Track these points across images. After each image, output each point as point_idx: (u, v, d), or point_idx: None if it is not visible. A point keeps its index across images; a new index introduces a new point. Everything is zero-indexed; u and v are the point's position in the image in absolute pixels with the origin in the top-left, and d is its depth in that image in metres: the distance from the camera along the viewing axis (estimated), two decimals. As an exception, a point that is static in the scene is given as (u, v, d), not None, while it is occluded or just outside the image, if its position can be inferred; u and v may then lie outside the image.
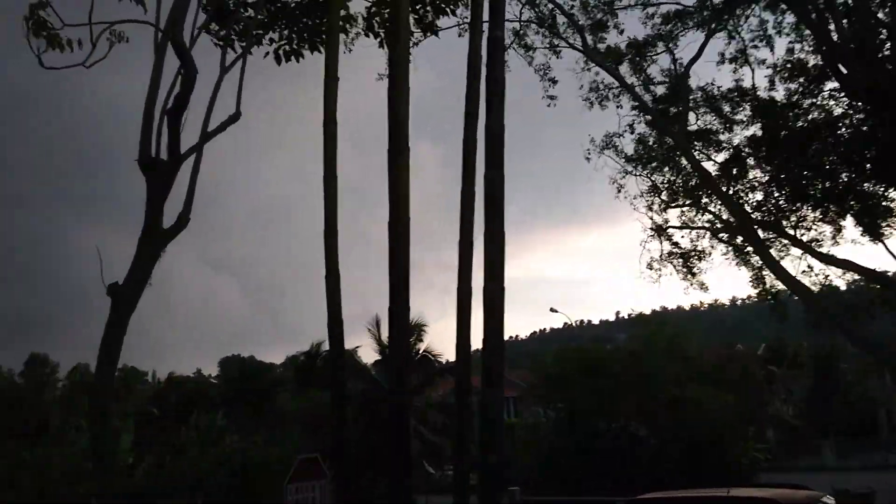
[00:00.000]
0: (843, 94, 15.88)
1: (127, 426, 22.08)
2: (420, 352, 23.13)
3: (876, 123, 14.86)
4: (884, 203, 16.01)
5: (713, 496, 7.58)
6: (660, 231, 19.96)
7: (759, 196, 17.78)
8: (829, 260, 16.74)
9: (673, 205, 19.88)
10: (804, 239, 17.09)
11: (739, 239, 18.63)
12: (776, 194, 17.36)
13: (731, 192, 18.15)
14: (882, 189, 15.78)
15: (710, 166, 18.85)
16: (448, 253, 7.41)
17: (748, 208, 17.83)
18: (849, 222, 16.79)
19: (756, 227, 17.44)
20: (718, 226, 19.39)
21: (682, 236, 19.95)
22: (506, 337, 8.21)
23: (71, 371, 50.29)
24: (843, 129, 16.02)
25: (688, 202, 19.70)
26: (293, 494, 8.78)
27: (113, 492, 8.79)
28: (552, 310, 45.49)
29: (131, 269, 8.36)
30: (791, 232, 17.23)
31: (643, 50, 18.97)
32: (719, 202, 18.62)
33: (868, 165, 15.57)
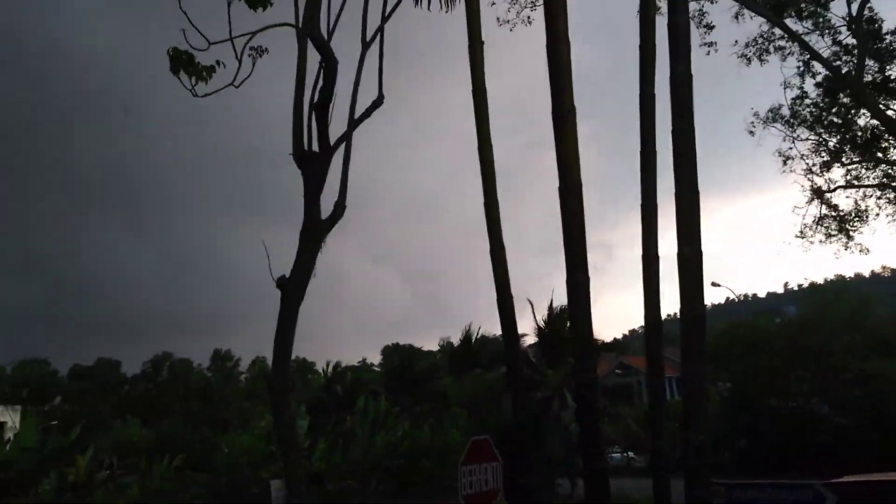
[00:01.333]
0: None
1: (302, 413, 23.50)
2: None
3: None
4: None
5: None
6: (819, 194, 18.45)
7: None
8: None
9: (837, 164, 18.27)
10: None
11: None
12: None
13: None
14: None
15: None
16: (601, 230, 6.96)
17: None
18: None
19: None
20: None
21: (849, 196, 18.30)
22: (664, 315, 7.64)
23: (251, 364, 54.81)
24: None
25: (856, 159, 17.99)
26: (467, 476, 8.77)
27: (296, 474, 9.23)
28: (714, 284, 42.87)
29: (296, 261, 8.75)
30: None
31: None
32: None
33: None
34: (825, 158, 18.43)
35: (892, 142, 17.52)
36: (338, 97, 8.58)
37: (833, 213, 18.68)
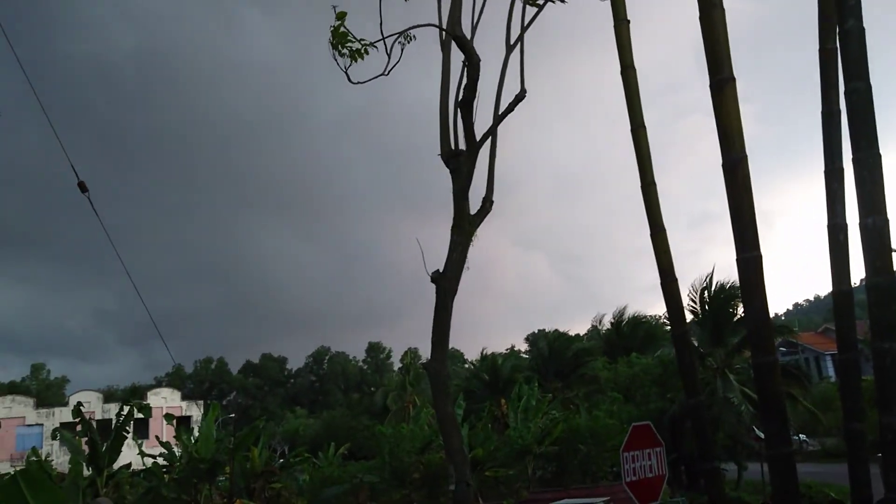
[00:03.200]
0: None
1: (459, 403, 24.11)
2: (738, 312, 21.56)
3: None
4: None
5: None
6: None
7: None
8: None
9: None
10: None
11: None
12: None
13: None
14: None
15: None
16: (756, 197, 6.51)
17: None
18: None
19: None
20: None
21: None
22: (823, 291, 7.07)
23: (403, 354, 56.97)
24: None
25: None
26: (629, 462, 8.64)
27: (458, 460, 9.50)
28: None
29: (448, 256, 9.02)
30: None
31: None
32: None
33: None
34: None
35: None
36: (479, 94, 8.76)
37: None
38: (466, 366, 58.53)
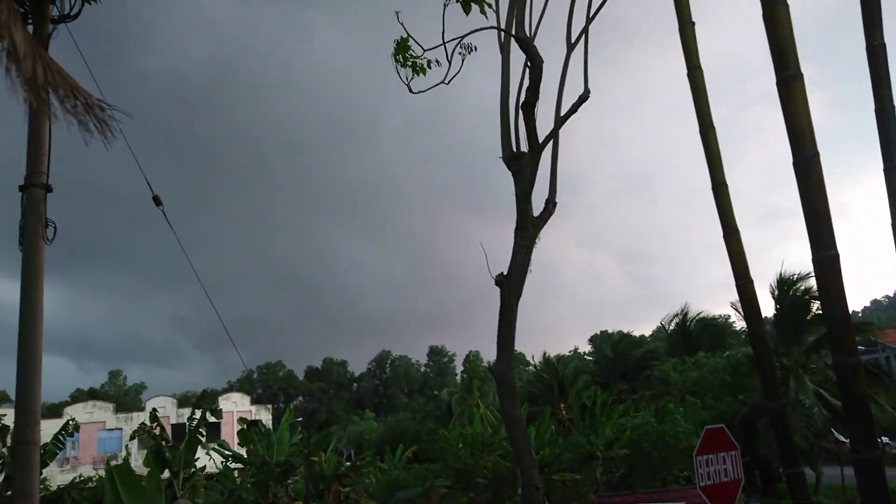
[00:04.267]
0: None
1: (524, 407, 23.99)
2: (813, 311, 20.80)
3: None
4: None
5: None
6: None
7: None
8: None
9: None
10: None
11: None
12: None
13: None
14: None
15: None
16: (829, 189, 6.22)
17: None
18: None
19: None
20: None
21: None
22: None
23: (465, 357, 57.11)
24: None
25: None
26: (703, 467, 8.44)
27: (526, 462, 9.45)
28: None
29: (512, 259, 9.01)
30: None
31: None
32: None
33: None
34: None
35: None
36: (541, 95, 8.72)
37: None
38: (529, 368, 58.14)
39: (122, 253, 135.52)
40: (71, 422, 15.10)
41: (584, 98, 8.87)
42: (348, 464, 26.85)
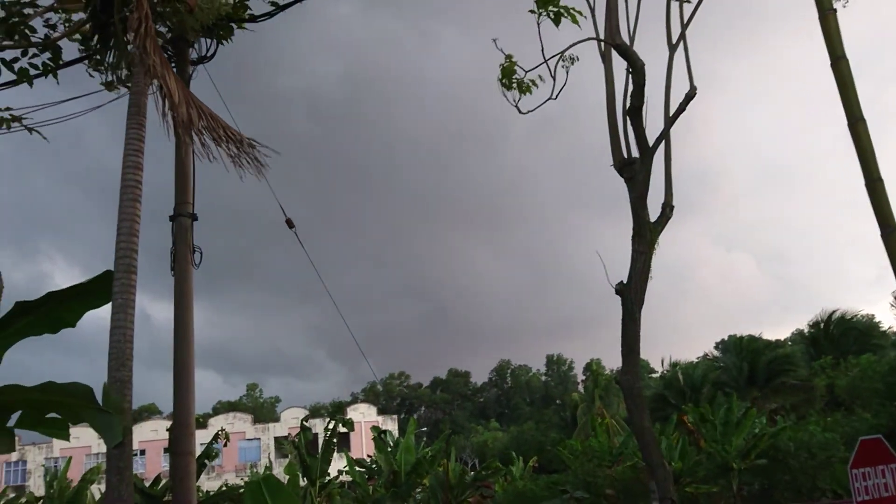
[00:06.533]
0: None
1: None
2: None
3: None
4: None
5: None
6: None
7: None
8: None
9: None
10: None
11: None
12: None
13: None
14: None
15: None
16: None
17: None
18: None
19: None
20: None
21: None
22: None
23: (586, 366, 56.16)
24: None
25: None
26: (860, 481, 7.85)
27: (659, 474, 9.23)
28: None
29: (631, 266, 8.87)
30: None
31: None
32: None
33: None
34: None
35: None
36: (647, 98, 8.61)
37: None
38: (654, 375, 56.24)
39: (260, 271, 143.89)
40: (221, 432, 16.36)
41: (690, 96, 8.64)
42: (472, 473, 27.16)
